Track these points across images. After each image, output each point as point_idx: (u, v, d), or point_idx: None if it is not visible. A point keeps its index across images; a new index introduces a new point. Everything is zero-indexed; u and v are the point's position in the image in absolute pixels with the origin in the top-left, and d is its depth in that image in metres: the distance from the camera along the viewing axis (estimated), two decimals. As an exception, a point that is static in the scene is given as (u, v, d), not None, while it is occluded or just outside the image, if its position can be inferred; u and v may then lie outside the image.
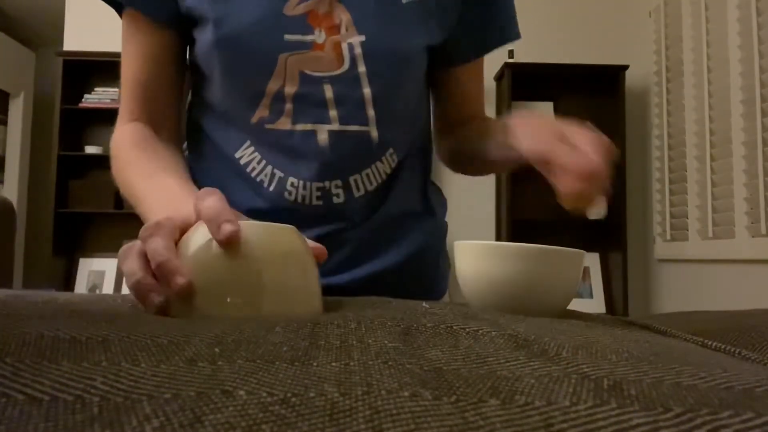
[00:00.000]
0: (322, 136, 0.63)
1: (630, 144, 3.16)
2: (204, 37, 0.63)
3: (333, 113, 0.63)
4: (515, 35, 0.76)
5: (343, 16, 0.62)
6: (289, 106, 0.62)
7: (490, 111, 3.28)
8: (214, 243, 0.37)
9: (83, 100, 3.25)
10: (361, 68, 0.62)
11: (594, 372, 0.23)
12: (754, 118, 2.25)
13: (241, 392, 0.19)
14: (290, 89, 0.62)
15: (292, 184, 0.64)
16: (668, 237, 2.87)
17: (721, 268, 2.50)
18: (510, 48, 3.05)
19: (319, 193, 0.65)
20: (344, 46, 0.62)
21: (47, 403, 0.18)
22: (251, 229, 0.38)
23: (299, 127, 0.63)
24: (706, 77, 2.58)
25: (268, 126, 0.63)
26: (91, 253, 3.34)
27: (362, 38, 0.62)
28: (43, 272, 3.22)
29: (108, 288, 3.24)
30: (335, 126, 0.63)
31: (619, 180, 3.01)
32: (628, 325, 0.44)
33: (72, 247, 3.33)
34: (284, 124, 0.63)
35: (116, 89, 3.26)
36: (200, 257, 0.37)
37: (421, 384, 0.20)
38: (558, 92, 3.27)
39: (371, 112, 0.64)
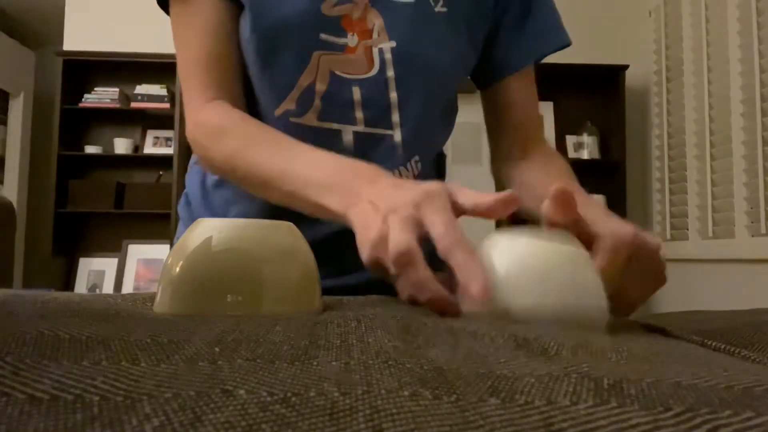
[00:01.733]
0: (347, 137, 0.64)
1: (630, 144, 3.16)
2: (243, 24, 0.63)
3: (359, 115, 0.63)
4: (564, 41, 0.75)
5: (376, 21, 0.63)
6: (317, 102, 0.63)
7: (490, 111, 3.28)
8: (213, 241, 0.37)
9: (83, 99, 3.25)
10: (390, 73, 0.63)
11: (594, 371, 0.23)
12: (754, 118, 2.25)
13: (241, 391, 0.19)
14: (321, 87, 0.62)
15: None
16: (668, 236, 2.87)
17: (721, 267, 2.50)
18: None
19: None
20: (375, 51, 0.63)
21: (47, 403, 0.18)
22: (250, 226, 0.38)
23: (325, 125, 0.63)
24: (706, 77, 2.58)
25: (293, 119, 0.63)
26: (91, 252, 3.34)
27: (393, 44, 0.63)
28: (43, 272, 3.23)
29: (108, 288, 3.24)
30: (360, 128, 0.64)
31: (619, 180, 3.01)
32: (628, 324, 0.44)
33: (72, 247, 3.33)
34: (310, 119, 0.63)
35: (116, 89, 3.26)
36: (199, 255, 0.37)
37: (421, 383, 0.20)
38: (558, 92, 3.27)
39: (396, 117, 0.65)
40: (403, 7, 0.63)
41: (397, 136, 0.65)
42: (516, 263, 0.37)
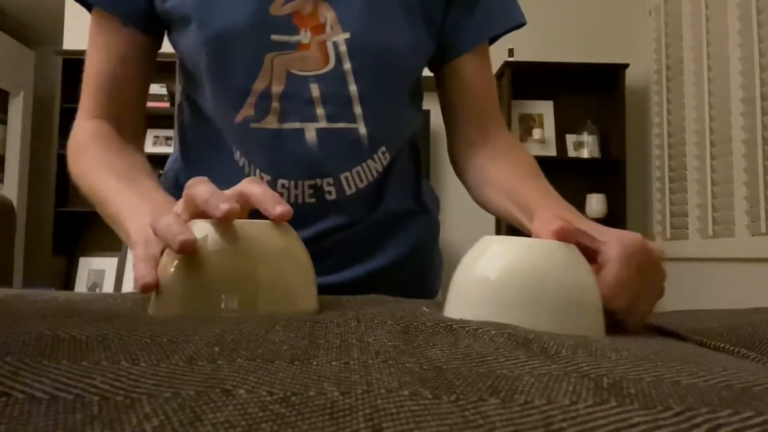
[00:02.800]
0: (310, 134, 0.63)
1: (630, 143, 3.16)
2: (189, 37, 0.63)
3: (320, 111, 0.62)
4: (517, 21, 0.73)
5: (327, 15, 0.62)
6: (275, 104, 0.62)
7: (490, 110, 3.28)
8: (208, 241, 0.37)
9: (83, 99, 3.24)
10: (347, 65, 0.62)
11: (594, 370, 0.23)
12: (754, 117, 2.25)
13: (241, 391, 0.19)
14: (277, 88, 0.62)
15: (283, 186, 0.64)
16: (668, 235, 2.87)
17: (721, 266, 2.50)
18: (510, 47, 3.05)
19: (311, 191, 0.65)
20: (329, 45, 0.62)
21: (47, 402, 0.18)
22: (246, 226, 0.38)
23: (287, 125, 0.62)
24: (706, 76, 2.58)
25: (254, 125, 0.63)
26: (91, 252, 3.34)
27: (347, 35, 0.62)
28: (43, 272, 3.23)
29: (108, 287, 3.24)
30: (323, 124, 0.63)
31: (619, 179, 3.01)
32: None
33: (72, 247, 3.33)
34: (271, 123, 0.63)
35: (116, 88, 3.26)
36: (194, 255, 0.37)
37: (420, 383, 0.20)
38: (558, 91, 3.27)
39: (358, 110, 0.64)
40: None
41: (362, 128, 0.64)
42: (508, 266, 0.37)
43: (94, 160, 0.63)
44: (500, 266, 0.37)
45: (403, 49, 0.65)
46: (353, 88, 0.63)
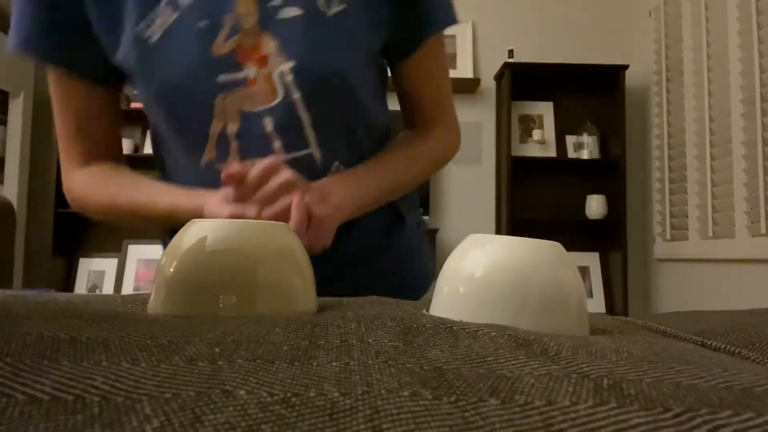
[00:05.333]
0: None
1: (630, 144, 3.16)
2: (141, 89, 0.64)
3: (277, 144, 0.63)
4: (447, 21, 0.71)
5: (270, 44, 0.61)
6: (234, 144, 0.63)
7: (489, 111, 3.28)
8: (207, 241, 0.37)
9: (83, 100, 3.24)
10: (296, 95, 0.62)
11: (594, 371, 0.23)
12: (754, 118, 2.25)
13: (242, 392, 0.19)
14: (232, 128, 0.63)
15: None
16: (668, 237, 2.87)
17: (720, 267, 2.50)
18: (510, 48, 3.05)
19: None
20: (275, 76, 0.61)
21: (47, 403, 0.18)
22: (245, 226, 0.38)
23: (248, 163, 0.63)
24: (706, 77, 2.58)
25: (218, 166, 0.64)
26: (91, 253, 3.34)
27: (291, 64, 0.61)
28: (43, 272, 3.23)
29: (108, 288, 3.24)
30: (281, 156, 0.63)
31: (619, 180, 3.01)
32: (627, 324, 0.44)
33: (72, 247, 3.33)
34: (233, 161, 0.64)
35: (116, 89, 3.26)
36: (193, 255, 0.37)
37: (421, 383, 0.20)
38: (558, 92, 3.27)
39: (311, 135, 0.64)
40: (294, 22, 0.61)
41: (316, 152, 0.65)
42: (493, 265, 0.38)
43: (112, 189, 0.69)
44: (485, 264, 0.38)
45: (350, 65, 0.64)
46: (304, 115, 0.63)
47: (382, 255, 0.75)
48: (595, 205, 3.05)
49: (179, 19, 0.61)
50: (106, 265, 3.29)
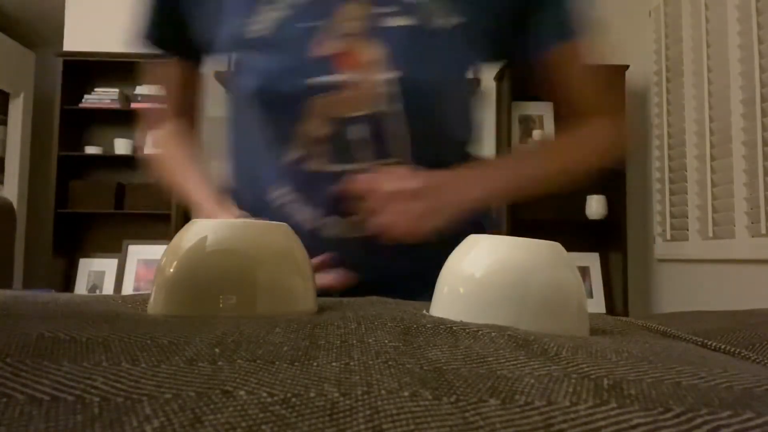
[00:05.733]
0: (352, 175, 0.62)
1: (630, 144, 3.16)
2: (233, 79, 0.66)
3: (367, 152, 0.62)
4: (579, 30, 0.71)
5: (373, 52, 0.60)
6: (322, 147, 0.62)
7: (490, 111, 3.28)
8: (207, 241, 0.37)
9: (83, 100, 3.25)
10: (393, 106, 0.60)
11: (594, 372, 0.23)
12: (754, 118, 2.25)
13: (242, 392, 0.19)
14: (322, 132, 0.61)
15: (327, 223, 0.64)
16: (668, 237, 2.87)
17: (721, 267, 2.50)
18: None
19: (351, 227, 0.64)
20: (373, 85, 0.60)
21: (48, 404, 0.18)
22: (245, 227, 0.38)
23: (335, 167, 0.62)
24: (706, 77, 2.58)
25: (304, 166, 0.63)
26: (91, 253, 3.34)
27: (394, 74, 0.59)
28: (43, 272, 3.23)
29: (108, 288, 3.24)
30: (368, 164, 0.62)
31: (619, 180, 3.01)
32: (627, 324, 0.44)
33: (72, 248, 3.33)
34: (319, 164, 0.62)
35: (116, 90, 3.26)
36: (193, 256, 0.37)
37: (421, 384, 0.20)
38: (558, 92, 3.27)
39: (402, 147, 0.62)
40: (402, 33, 0.60)
41: (407, 163, 0.63)
42: (493, 265, 0.38)
43: (173, 157, 0.78)
44: (485, 265, 0.38)
45: (455, 79, 0.63)
46: (398, 128, 0.61)
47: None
48: (596, 206, 3.05)
49: (283, 18, 0.61)
50: (106, 265, 3.28)
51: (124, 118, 3.40)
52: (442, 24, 0.60)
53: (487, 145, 3.30)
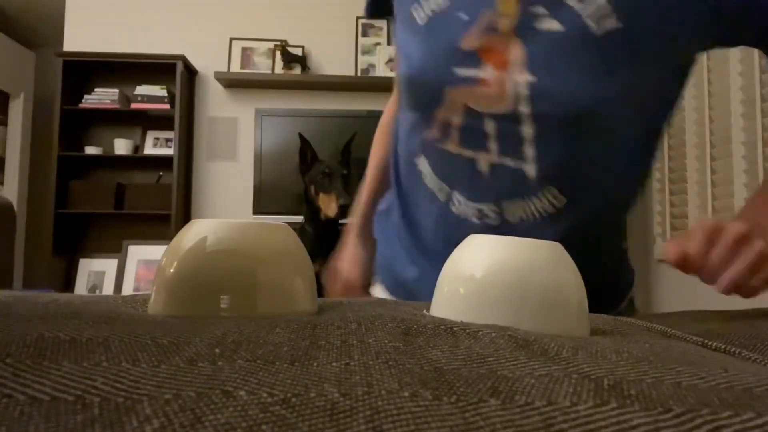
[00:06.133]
0: (483, 164, 0.65)
1: None
2: (400, 64, 0.71)
3: (493, 146, 0.64)
4: None
5: (518, 52, 0.59)
6: (455, 133, 0.66)
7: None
8: (207, 241, 0.37)
9: (83, 100, 3.25)
10: (523, 108, 0.60)
11: (594, 372, 0.23)
12: (754, 118, 2.25)
13: (242, 392, 0.19)
14: (456, 120, 0.65)
15: (457, 199, 0.68)
16: (668, 236, 2.87)
17: (721, 267, 2.49)
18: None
19: (477, 213, 0.67)
20: (510, 85, 0.59)
21: (48, 404, 0.18)
22: (245, 227, 0.38)
23: (464, 152, 0.66)
24: (706, 77, 2.58)
25: (438, 144, 0.68)
26: (91, 253, 3.34)
27: (530, 78, 0.58)
28: (43, 272, 3.23)
29: (108, 289, 3.24)
30: (494, 157, 0.64)
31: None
32: (628, 325, 0.44)
33: (72, 248, 3.33)
34: (451, 146, 0.67)
35: (116, 90, 3.26)
36: (193, 256, 0.37)
37: (421, 384, 0.20)
38: (558, 92, 3.27)
39: (529, 151, 0.62)
40: (550, 37, 0.58)
41: (530, 169, 0.63)
42: (493, 265, 0.38)
43: (374, 154, 0.95)
44: (485, 265, 0.38)
45: (593, 98, 0.58)
46: (527, 130, 0.61)
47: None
48: (595, 206, 3.05)
49: (446, 7, 0.64)
50: (106, 265, 3.29)
51: (124, 118, 3.40)
52: (597, 30, 0.57)
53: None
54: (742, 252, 0.50)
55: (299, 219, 2.52)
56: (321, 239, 2.35)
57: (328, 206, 2.32)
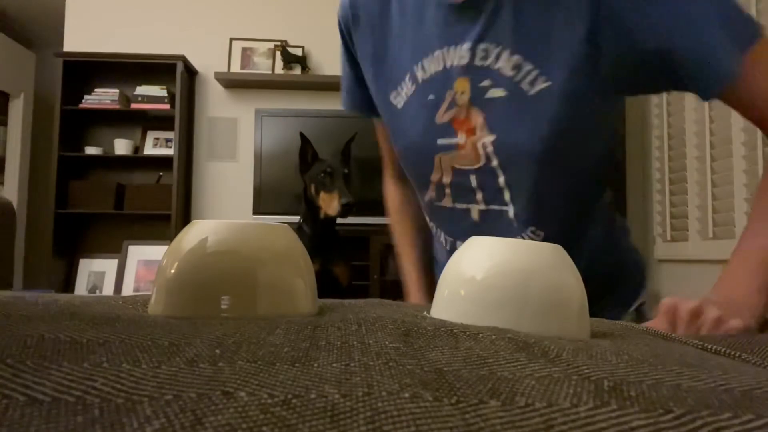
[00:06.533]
0: (474, 213, 0.79)
1: (630, 144, 3.16)
2: (392, 140, 0.84)
3: (479, 196, 0.77)
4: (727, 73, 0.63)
5: (478, 119, 0.73)
6: (448, 190, 0.80)
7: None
8: (208, 242, 0.37)
9: (83, 101, 3.25)
10: (494, 162, 0.74)
11: (594, 373, 0.23)
12: (754, 119, 2.25)
13: (242, 393, 0.19)
14: (447, 179, 0.79)
15: (458, 246, 0.76)
16: (668, 237, 2.87)
17: (721, 268, 2.50)
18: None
19: None
20: (479, 145, 0.73)
21: (48, 405, 0.18)
22: (246, 227, 0.38)
23: (458, 205, 0.80)
24: (706, 77, 2.58)
25: (436, 203, 0.83)
26: (91, 253, 3.34)
27: (492, 137, 0.72)
28: (43, 273, 3.23)
29: (108, 289, 3.24)
30: (482, 206, 0.78)
31: (619, 180, 3.01)
32: (627, 327, 0.44)
33: (72, 248, 3.33)
34: (447, 202, 0.80)
35: (116, 90, 3.26)
36: (194, 257, 0.37)
37: (421, 385, 0.20)
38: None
39: (507, 195, 0.75)
40: (499, 102, 0.71)
41: (510, 212, 0.76)
42: (494, 267, 0.38)
43: (396, 224, 1.02)
44: (485, 267, 0.38)
45: (543, 143, 0.70)
46: (502, 179, 0.74)
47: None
48: (595, 206, 3.05)
49: (415, 91, 0.77)
50: (107, 265, 3.28)
51: (124, 119, 3.40)
52: (531, 91, 0.69)
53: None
54: (701, 323, 0.56)
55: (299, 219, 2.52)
56: (319, 239, 2.35)
57: (330, 205, 2.31)
